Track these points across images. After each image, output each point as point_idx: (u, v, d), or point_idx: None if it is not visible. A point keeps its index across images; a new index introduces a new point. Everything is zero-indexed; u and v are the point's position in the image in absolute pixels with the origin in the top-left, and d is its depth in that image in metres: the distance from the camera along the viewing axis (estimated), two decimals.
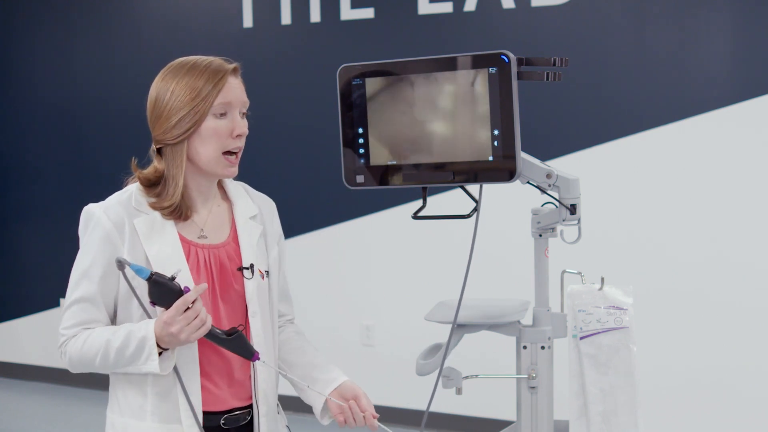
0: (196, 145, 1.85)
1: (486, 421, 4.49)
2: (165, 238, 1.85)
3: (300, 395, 2.04)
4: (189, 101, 1.82)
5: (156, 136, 1.87)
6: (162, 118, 1.84)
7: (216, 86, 1.83)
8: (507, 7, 4.33)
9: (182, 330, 1.72)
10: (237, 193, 2.01)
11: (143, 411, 1.85)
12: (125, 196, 1.89)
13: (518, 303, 2.09)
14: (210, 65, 1.86)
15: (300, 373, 2.01)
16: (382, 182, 1.95)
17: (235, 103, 1.87)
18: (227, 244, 1.93)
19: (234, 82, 1.87)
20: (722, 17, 3.97)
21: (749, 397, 3.99)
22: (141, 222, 1.84)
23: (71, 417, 5.18)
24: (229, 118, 1.86)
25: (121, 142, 5.34)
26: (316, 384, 1.98)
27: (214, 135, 1.84)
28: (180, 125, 1.82)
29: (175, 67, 1.87)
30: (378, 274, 4.75)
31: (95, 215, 1.86)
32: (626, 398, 1.92)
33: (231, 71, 1.87)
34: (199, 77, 1.83)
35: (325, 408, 1.99)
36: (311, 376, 2.00)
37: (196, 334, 1.73)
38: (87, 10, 5.50)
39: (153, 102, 1.87)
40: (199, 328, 1.73)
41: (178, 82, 1.83)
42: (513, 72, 1.81)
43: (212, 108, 1.83)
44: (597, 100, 4.22)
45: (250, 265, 1.92)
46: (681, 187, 4.06)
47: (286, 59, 4.89)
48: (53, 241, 5.72)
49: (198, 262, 1.87)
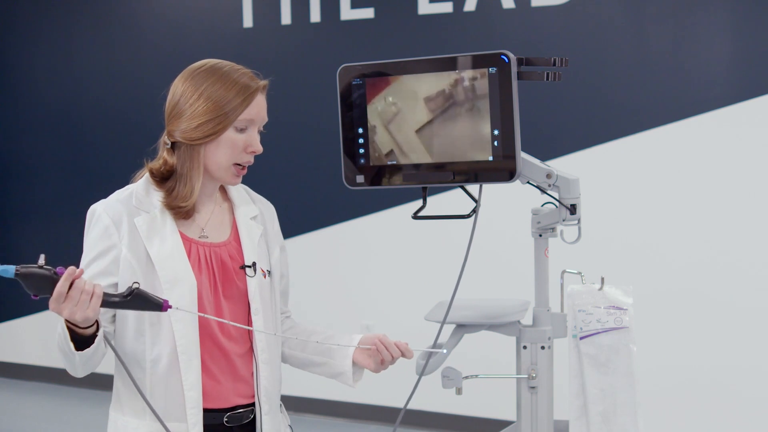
0: (210, 150, 1.86)
1: (486, 421, 4.49)
2: (166, 236, 1.86)
3: (322, 371, 2.04)
4: (214, 109, 1.83)
5: (172, 131, 1.87)
6: (184, 117, 1.85)
7: (244, 102, 1.85)
8: (507, 7, 4.33)
9: (74, 311, 1.65)
10: (238, 194, 2.02)
11: (144, 409, 1.85)
12: (126, 194, 1.89)
13: (518, 303, 2.09)
14: (242, 78, 1.87)
15: (315, 349, 2.02)
16: (382, 182, 1.95)
17: (257, 120, 1.89)
18: (228, 243, 1.94)
19: (261, 100, 1.90)
20: (722, 17, 3.97)
21: (749, 397, 3.99)
22: (141, 220, 1.85)
23: (71, 417, 5.18)
24: (248, 134, 1.88)
25: (121, 142, 5.34)
26: (336, 350, 1.99)
27: (231, 147, 1.86)
28: (201, 129, 1.84)
29: (207, 70, 1.87)
30: (378, 274, 4.75)
31: (96, 213, 1.87)
32: (626, 398, 1.92)
33: (261, 88, 1.90)
34: (229, 88, 1.85)
35: (356, 368, 2.00)
36: (329, 349, 2.01)
37: (91, 306, 1.66)
38: (87, 11, 5.50)
39: (177, 97, 1.87)
40: (89, 301, 1.65)
41: (207, 87, 1.84)
42: (513, 72, 1.81)
43: (236, 122, 1.85)
44: (597, 100, 4.22)
45: (252, 263, 1.92)
46: (681, 187, 4.06)
47: (286, 59, 4.89)
48: (53, 241, 5.72)
49: (199, 259, 1.88)
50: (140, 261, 1.83)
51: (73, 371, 1.83)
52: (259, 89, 1.89)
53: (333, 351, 2.01)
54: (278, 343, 2.00)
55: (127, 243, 1.83)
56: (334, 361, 2.01)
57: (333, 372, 2.02)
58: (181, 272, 1.84)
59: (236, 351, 1.91)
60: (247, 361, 1.93)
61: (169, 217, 1.88)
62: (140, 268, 1.82)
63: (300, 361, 2.07)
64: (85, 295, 1.65)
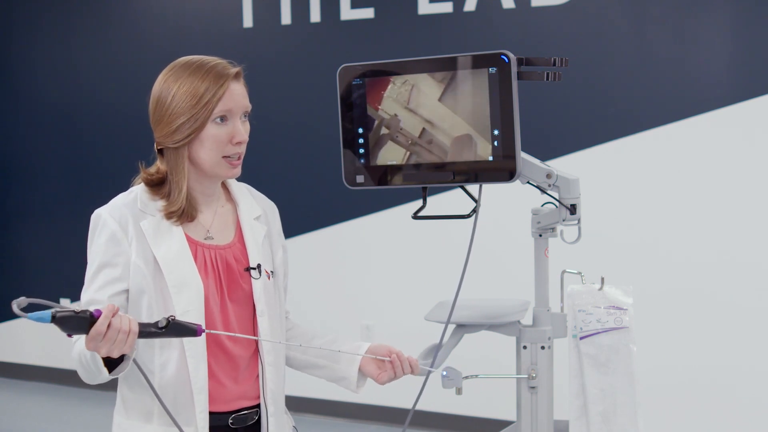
0: (196, 149, 1.84)
1: (486, 421, 4.49)
2: (172, 239, 1.85)
3: (323, 374, 2.03)
4: (190, 107, 1.80)
5: (157, 137, 1.86)
6: (163, 121, 1.83)
7: (217, 93, 1.81)
8: (507, 7, 4.33)
9: (111, 350, 1.63)
10: (241, 194, 2.01)
11: (150, 413, 1.85)
12: (130, 197, 1.88)
13: (518, 303, 2.09)
14: (213, 69, 1.83)
15: (318, 352, 2.01)
16: (382, 182, 1.96)
17: (236, 109, 1.84)
18: (233, 245, 1.93)
19: (236, 88, 1.85)
20: (722, 18, 3.97)
21: (749, 396, 3.99)
22: (147, 224, 1.84)
23: (71, 417, 5.18)
24: (230, 125, 1.84)
25: (121, 142, 5.34)
26: (341, 356, 1.98)
27: (215, 141, 1.83)
28: (180, 131, 1.81)
29: (178, 68, 1.85)
30: (378, 274, 4.75)
31: (101, 218, 1.85)
32: (626, 398, 1.92)
33: (233, 76, 1.85)
34: (201, 82, 1.81)
35: (360, 376, 1.99)
36: (332, 353, 2.00)
37: (128, 344, 1.65)
38: (87, 10, 5.50)
39: (155, 103, 1.86)
40: (126, 340, 1.63)
41: (180, 86, 1.82)
42: (513, 72, 1.81)
43: (213, 115, 1.81)
44: (597, 100, 4.22)
45: (257, 265, 1.92)
46: (681, 187, 4.06)
47: (286, 59, 4.89)
48: (53, 241, 5.72)
49: (205, 262, 1.87)
50: (148, 265, 1.82)
51: (91, 381, 1.83)
52: (231, 77, 1.84)
53: (338, 355, 2.00)
54: (283, 344, 2.00)
55: (135, 248, 1.82)
56: (339, 365, 2.00)
57: (335, 376, 2.02)
58: (188, 276, 1.83)
59: (242, 354, 1.91)
60: (253, 363, 1.93)
61: (176, 223, 1.87)
62: (149, 272, 1.81)
63: (301, 364, 2.07)
64: (122, 335, 1.63)
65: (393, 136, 1.93)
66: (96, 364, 1.71)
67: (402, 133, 1.92)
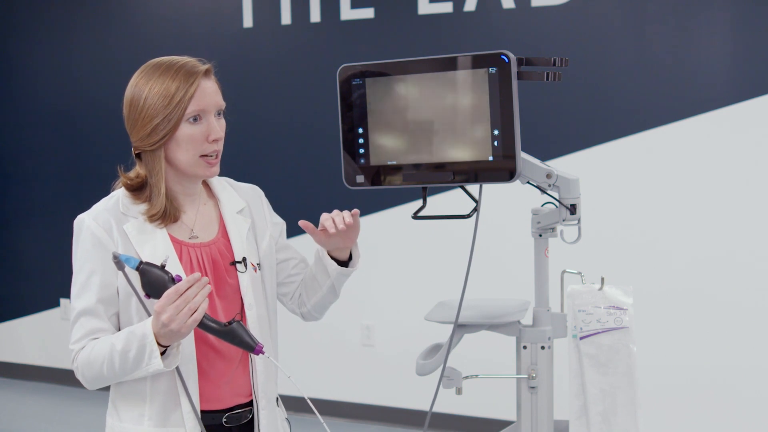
0: (172, 150, 1.84)
1: (486, 421, 4.50)
2: (156, 241, 1.85)
3: (324, 293, 2.14)
4: (163, 107, 1.80)
5: (134, 141, 1.87)
6: (138, 124, 1.83)
7: (188, 91, 1.80)
8: (507, 7, 4.33)
9: (173, 319, 1.66)
10: (222, 189, 2.01)
11: (141, 416, 1.85)
12: (112, 202, 1.88)
13: (518, 303, 2.09)
14: (182, 68, 1.83)
15: (312, 285, 2.13)
16: (383, 182, 1.95)
17: (209, 107, 1.84)
18: (217, 240, 1.93)
19: (207, 85, 1.85)
20: (722, 17, 3.97)
21: (749, 396, 3.99)
22: (131, 227, 1.84)
23: (71, 417, 5.18)
24: (204, 123, 1.84)
25: (120, 142, 5.32)
26: (319, 271, 2.10)
27: (190, 141, 1.82)
28: (155, 133, 1.81)
29: (149, 70, 1.86)
30: (378, 274, 4.75)
31: (85, 223, 1.85)
32: (626, 398, 1.92)
33: (203, 74, 1.84)
34: (172, 81, 1.81)
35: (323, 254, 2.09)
36: (314, 276, 2.12)
37: (188, 323, 1.67)
38: (86, 10, 5.50)
39: (128, 107, 1.86)
40: (189, 316, 1.67)
41: (151, 88, 1.82)
42: (513, 72, 1.81)
43: (186, 114, 1.81)
44: (597, 100, 4.22)
45: (242, 259, 1.93)
46: (681, 187, 4.06)
47: (286, 59, 4.89)
48: (53, 241, 5.72)
49: (191, 261, 1.88)
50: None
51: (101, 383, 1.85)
52: (201, 74, 1.84)
53: (319, 275, 2.10)
54: (273, 335, 2.01)
55: (121, 251, 1.82)
56: (320, 276, 2.10)
57: (326, 282, 2.11)
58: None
59: (231, 352, 1.91)
60: (243, 360, 1.94)
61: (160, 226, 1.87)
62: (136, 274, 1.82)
63: (316, 303, 2.13)
64: (188, 310, 1.67)
65: (393, 136, 1.93)
66: (149, 347, 1.72)
67: (402, 133, 1.92)
